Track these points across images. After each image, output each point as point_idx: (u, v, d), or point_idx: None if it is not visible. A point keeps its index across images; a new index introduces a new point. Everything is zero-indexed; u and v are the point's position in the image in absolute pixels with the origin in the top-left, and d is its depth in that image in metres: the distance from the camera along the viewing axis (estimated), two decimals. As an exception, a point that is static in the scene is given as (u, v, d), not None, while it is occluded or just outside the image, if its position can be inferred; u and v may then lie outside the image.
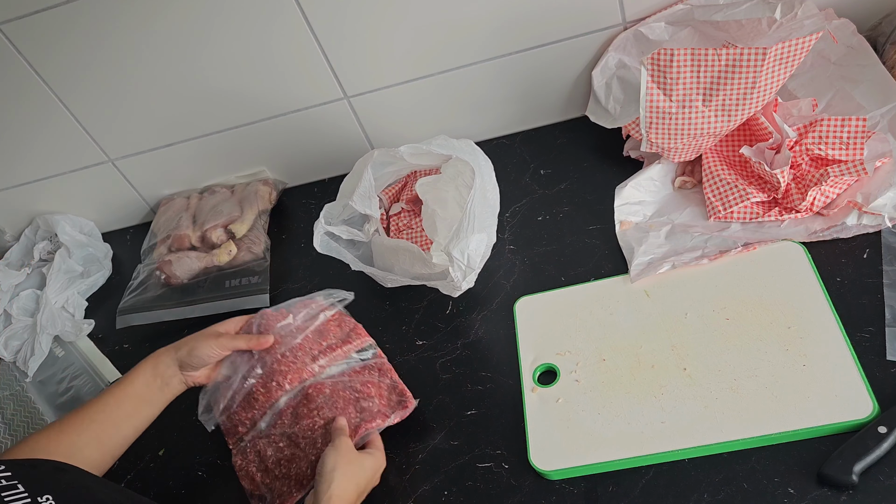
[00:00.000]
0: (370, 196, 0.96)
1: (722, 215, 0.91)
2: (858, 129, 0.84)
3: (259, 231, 1.19)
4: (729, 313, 0.83)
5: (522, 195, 1.09)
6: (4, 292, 1.23)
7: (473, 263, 0.87)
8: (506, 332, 0.93)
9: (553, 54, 1.09)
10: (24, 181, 1.31)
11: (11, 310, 1.21)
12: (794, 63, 0.85)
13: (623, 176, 1.00)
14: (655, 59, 0.86)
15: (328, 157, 1.26)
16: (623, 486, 0.74)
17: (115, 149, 1.26)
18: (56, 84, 1.15)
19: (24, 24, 1.07)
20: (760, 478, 0.71)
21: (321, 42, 1.09)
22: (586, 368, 0.84)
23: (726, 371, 0.78)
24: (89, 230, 1.34)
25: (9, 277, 1.25)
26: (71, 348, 1.16)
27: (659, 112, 0.90)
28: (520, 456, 0.80)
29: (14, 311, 1.21)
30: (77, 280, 1.25)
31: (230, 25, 1.07)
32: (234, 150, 1.25)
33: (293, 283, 1.13)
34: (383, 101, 1.17)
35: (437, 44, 1.09)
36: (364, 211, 0.96)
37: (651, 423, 0.77)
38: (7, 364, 1.17)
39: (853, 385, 0.72)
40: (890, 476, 0.67)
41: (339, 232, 1.00)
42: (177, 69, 1.13)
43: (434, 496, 0.81)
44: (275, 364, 0.90)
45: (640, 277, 0.89)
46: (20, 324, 1.20)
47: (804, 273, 0.82)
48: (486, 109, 1.18)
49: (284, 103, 1.18)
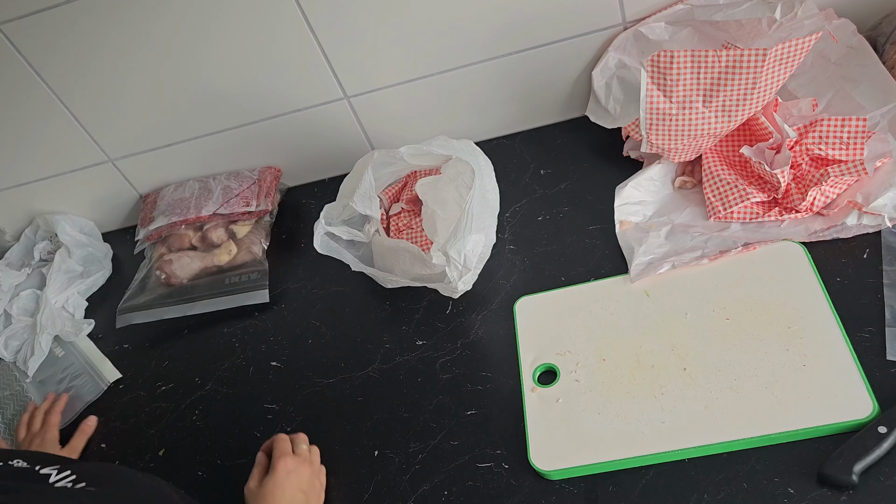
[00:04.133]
0: (370, 197, 0.96)
1: (722, 215, 0.91)
2: (858, 129, 0.84)
3: (260, 231, 1.19)
4: (729, 313, 0.83)
5: (522, 195, 1.09)
6: (5, 292, 1.23)
7: (470, 264, 0.87)
8: (506, 332, 0.93)
9: (553, 54, 1.09)
10: (24, 181, 1.31)
11: (11, 310, 1.21)
12: (794, 63, 0.85)
13: (623, 176, 1.00)
14: (655, 61, 0.86)
15: (328, 157, 1.26)
16: (623, 486, 0.74)
17: (115, 149, 1.25)
18: (56, 84, 1.15)
19: (24, 24, 1.07)
20: (760, 478, 0.71)
21: (321, 42, 1.09)
22: (586, 368, 0.84)
23: (726, 371, 0.78)
24: (89, 230, 1.33)
25: (9, 277, 1.25)
26: (71, 348, 1.16)
27: (659, 113, 0.90)
28: (520, 456, 0.80)
29: (14, 311, 1.21)
30: (77, 280, 1.24)
31: (230, 25, 1.07)
32: (233, 150, 1.25)
33: (293, 283, 1.13)
34: (383, 101, 1.17)
35: (438, 44, 1.09)
36: (364, 212, 0.96)
37: (651, 423, 0.77)
38: (7, 364, 1.17)
39: (853, 385, 0.72)
40: (890, 476, 0.67)
41: (340, 233, 0.99)
42: (177, 69, 1.13)
43: (434, 496, 0.81)
44: None
45: (640, 277, 0.89)
46: (20, 324, 1.20)
47: (804, 273, 0.82)
48: (486, 109, 1.18)
49: (284, 103, 1.18)
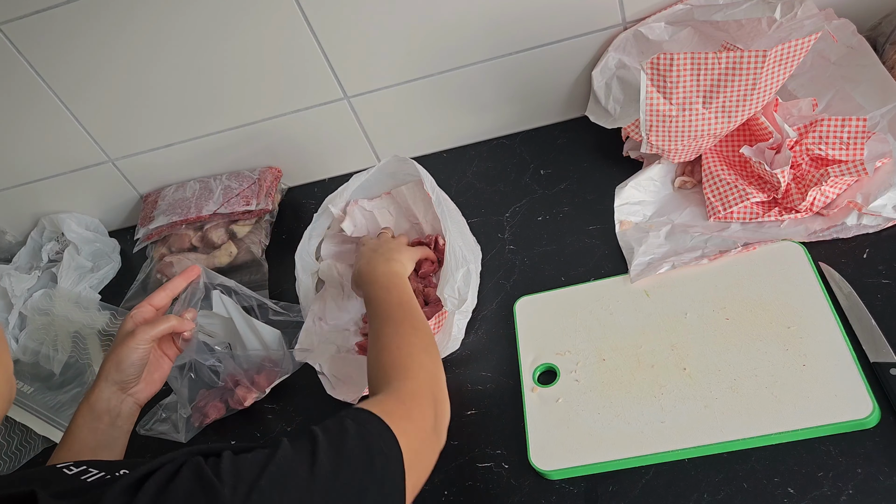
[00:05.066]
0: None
1: (722, 215, 0.91)
2: (858, 129, 0.84)
3: (260, 231, 1.19)
4: (729, 313, 0.83)
5: (522, 195, 1.09)
6: (18, 297, 1.23)
7: (465, 293, 0.89)
8: (506, 332, 0.93)
9: (553, 54, 1.09)
10: (24, 181, 1.31)
11: (25, 310, 1.21)
12: (793, 63, 0.85)
13: (623, 176, 1.00)
14: (655, 63, 0.86)
15: (328, 157, 1.26)
16: (623, 486, 0.74)
17: (116, 149, 1.26)
18: (56, 83, 1.15)
19: (24, 24, 1.07)
20: (760, 478, 0.71)
21: (321, 42, 1.09)
22: (586, 368, 0.84)
23: (726, 371, 0.78)
24: (95, 227, 1.34)
25: (20, 282, 1.25)
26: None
27: (659, 115, 0.89)
28: (520, 456, 0.80)
29: (28, 311, 1.21)
30: (87, 275, 1.26)
31: (230, 26, 1.07)
32: (233, 150, 1.25)
33: (293, 283, 1.12)
34: (383, 101, 1.17)
35: (438, 44, 1.09)
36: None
37: (651, 423, 0.77)
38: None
39: (853, 385, 0.72)
40: (890, 476, 0.67)
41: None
42: (177, 69, 1.13)
43: (434, 496, 0.81)
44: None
45: (640, 277, 0.89)
46: (34, 324, 1.20)
47: (804, 273, 0.82)
48: (486, 109, 1.18)
49: (284, 103, 1.18)
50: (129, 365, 0.77)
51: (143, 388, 0.80)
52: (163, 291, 0.84)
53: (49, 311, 1.18)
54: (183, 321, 0.81)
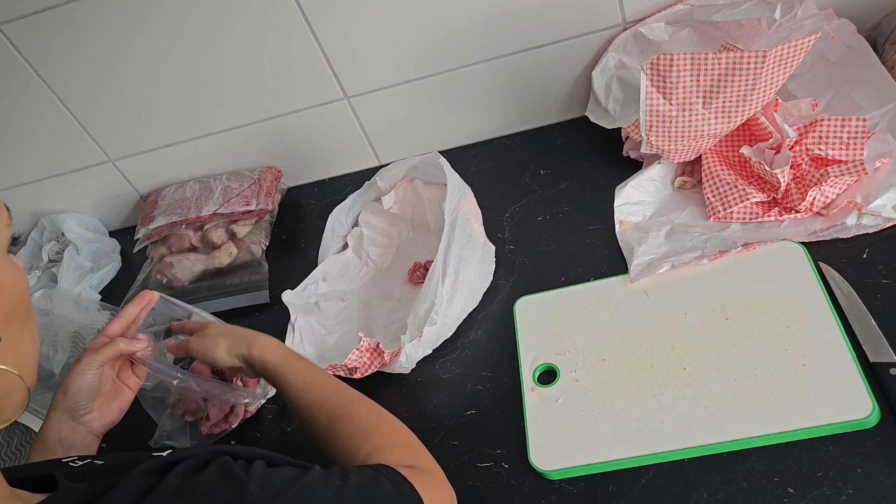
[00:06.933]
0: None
1: (722, 215, 0.91)
2: (858, 130, 0.84)
3: (260, 231, 1.19)
4: (728, 313, 0.83)
5: (522, 195, 1.09)
6: None
7: (417, 331, 0.90)
8: (506, 332, 0.93)
9: (553, 54, 1.09)
10: (24, 181, 1.31)
11: None
12: (793, 64, 0.85)
13: (623, 176, 1.00)
14: (655, 63, 0.86)
15: (328, 157, 1.26)
16: (623, 486, 0.74)
17: (115, 149, 1.26)
18: (56, 84, 1.15)
19: (24, 24, 1.07)
20: (760, 478, 0.71)
21: (321, 42, 1.09)
22: (586, 368, 0.84)
23: (726, 371, 0.78)
24: (95, 227, 1.34)
25: None
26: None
27: (659, 115, 0.90)
28: (520, 456, 0.80)
29: None
30: (87, 275, 1.26)
31: (230, 26, 1.07)
32: (233, 150, 1.25)
33: (293, 283, 1.12)
34: (383, 101, 1.17)
35: (437, 44, 1.09)
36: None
37: (651, 423, 0.77)
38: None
39: (853, 385, 0.72)
40: (890, 476, 0.67)
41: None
42: (176, 69, 1.13)
43: (434, 496, 0.81)
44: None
45: (640, 277, 0.89)
46: None
47: (804, 273, 0.82)
48: (486, 109, 1.18)
49: (284, 103, 1.18)
50: (75, 391, 0.75)
51: (96, 417, 0.77)
52: (116, 321, 0.81)
53: (49, 311, 1.18)
54: (130, 343, 0.78)
